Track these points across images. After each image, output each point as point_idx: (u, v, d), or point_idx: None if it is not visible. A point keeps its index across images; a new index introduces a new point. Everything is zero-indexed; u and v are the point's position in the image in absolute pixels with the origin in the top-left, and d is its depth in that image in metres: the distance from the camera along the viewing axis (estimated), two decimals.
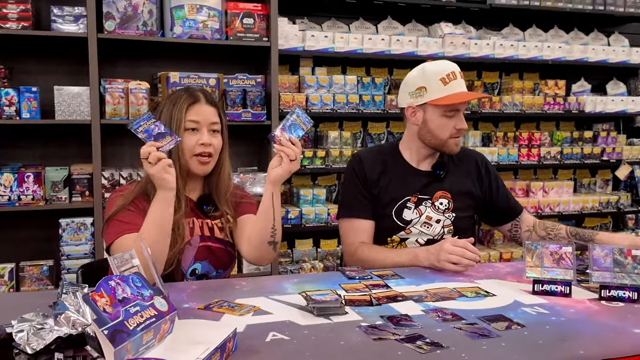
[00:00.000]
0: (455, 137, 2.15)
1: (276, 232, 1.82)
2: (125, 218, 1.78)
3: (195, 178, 1.94)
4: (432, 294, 1.65)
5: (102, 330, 1.09)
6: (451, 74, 2.11)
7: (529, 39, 4.31)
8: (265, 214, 1.80)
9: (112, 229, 1.77)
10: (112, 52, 3.41)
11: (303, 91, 3.72)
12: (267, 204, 1.79)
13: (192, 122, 1.86)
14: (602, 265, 1.63)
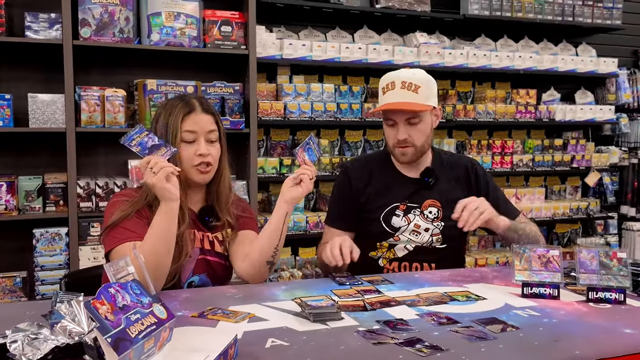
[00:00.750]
0: (400, 147, 2.13)
1: (277, 253, 1.82)
2: (129, 226, 1.74)
3: (196, 189, 1.91)
4: (425, 298, 1.66)
5: (105, 338, 1.06)
6: (390, 84, 2.12)
7: (501, 49, 4.40)
8: (273, 232, 1.79)
9: (114, 236, 1.73)
10: (87, 60, 3.36)
11: (281, 99, 3.72)
12: (276, 224, 1.79)
13: (188, 133, 1.82)
14: (589, 268, 1.67)
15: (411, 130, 2.11)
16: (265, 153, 3.88)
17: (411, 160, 2.18)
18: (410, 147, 2.13)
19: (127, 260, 1.31)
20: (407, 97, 2.08)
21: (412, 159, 2.17)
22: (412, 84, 2.09)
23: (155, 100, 3.32)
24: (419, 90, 2.09)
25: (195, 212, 1.89)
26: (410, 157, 2.16)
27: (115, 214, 1.76)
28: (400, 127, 2.11)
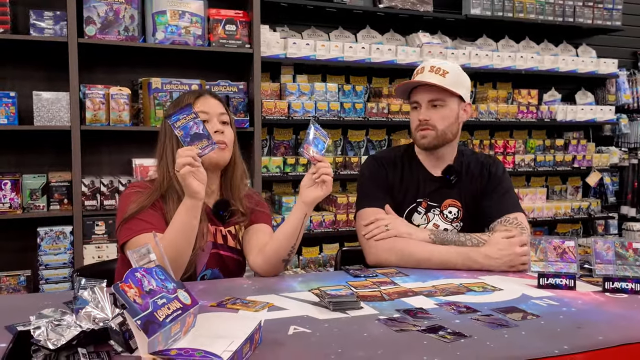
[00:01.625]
0: (420, 130, 2.11)
1: (294, 251, 1.81)
2: (145, 217, 1.73)
3: (211, 177, 1.87)
4: (441, 289, 1.66)
5: (135, 320, 1.06)
6: (420, 69, 2.12)
7: (502, 50, 4.41)
8: (291, 233, 1.77)
9: (130, 227, 1.72)
10: (92, 58, 3.35)
11: (285, 98, 3.72)
12: (295, 225, 1.77)
13: (201, 113, 1.80)
14: (605, 259, 1.67)
15: (433, 113, 2.08)
16: (268, 152, 3.87)
17: (430, 145, 2.12)
18: (431, 131, 2.09)
19: (149, 248, 1.29)
20: (434, 79, 2.07)
21: (431, 143, 2.11)
22: (441, 69, 2.09)
23: (160, 99, 3.32)
24: (446, 75, 2.07)
25: (209, 205, 1.87)
26: (429, 142, 2.10)
27: (130, 206, 1.75)
28: (423, 109, 2.09)
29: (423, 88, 2.10)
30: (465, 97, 2.16)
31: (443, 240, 1.98)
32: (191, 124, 1.58)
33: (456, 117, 2.14)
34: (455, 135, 2.17)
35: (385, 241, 1.99)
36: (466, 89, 2.17)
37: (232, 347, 1.12)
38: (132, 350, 1.14)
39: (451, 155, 2.20)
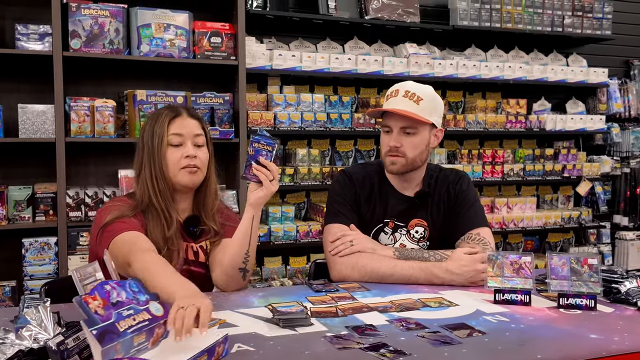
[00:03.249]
0: (391, 155, 2.10)
1: (249, 259, 1.81)
2: (126, 221, 1.76)
3: (183, 197, 1.91)
4: (397, 304, 1.68)
5: (90, 331, 1.12)
6: (394, 92, 2.10)
7: (491, 60, 4.43)
8: (242, 237, 1.79)
9: (111, 230, 1.74)
10: (78, 70, 3.39)
11: (271, 109, 3.75)
12: (245, 228, 1.79)
13: (175, 136, 1.84)
14: (560, 274, 1.68)
15: (404, 140, 2.07)
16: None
17: (399, 172, 2.12)
18: (401, 157, 2.08)
19: (95, 267, 1.33)
20: (407, 105, 2.04)
21: (400, 170, 2.11)
22: (415, 95, 2.06)
23: (145, 111, 3.35)
24: (420, 102, 2.05)
25: (180, 221, 1.90)
26: (398, 168, 2.10)
27: (110, 215, 1.78)
28: (394, 134, 2.07)
29: (396, 114, 2.07)
30: (438, 123, 2.15)
31: (407, 256, 1.99)
32: (264, 152, 1.73)
33: (427, 144, 2.13)
34: (425, 161, 2.17)
35: (348, 257, 2.00)
36: (439, 115, 2.16)
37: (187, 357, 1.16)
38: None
39: (420, 176, 2.20)
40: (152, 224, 1.78)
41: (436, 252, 2.00)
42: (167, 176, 1.83)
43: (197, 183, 1.89)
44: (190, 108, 1.96)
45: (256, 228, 1.80)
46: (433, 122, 2.10)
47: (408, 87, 2.10)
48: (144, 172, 1.84)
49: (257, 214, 1.79)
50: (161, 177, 1.82)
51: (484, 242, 2.02)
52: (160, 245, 1.77)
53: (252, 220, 1.78)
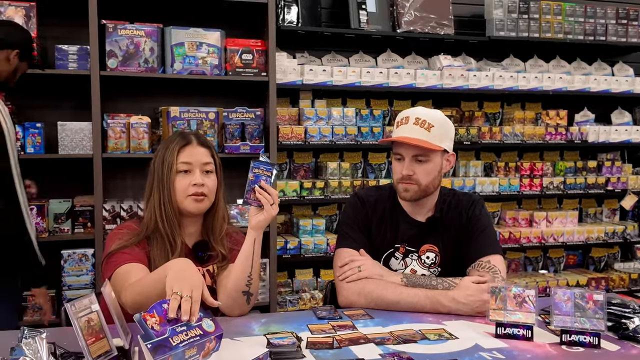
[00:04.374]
0: (403, 183, 2.09)
1: (252, 282, 1.84)
2: (128, 251, 1.83)
3: (192, 220, 1.97)
4: (396, 336, 1.68)
5: (146, 344, 1.30)
6: (404, 119, 2.09)
7: (530, 70, 4.33)
8: (244, 260, 1.83)
9: (114, 261, 1.81)
10: (115, 88, 3.52)
11: (303, 123, 3.79)
12: (247, 251, 1.83)
13: (184, 164, 1.90)
14: (563, 310, 1.64)
15: (417, 168, 2.06)
16: (288, 175, 3.95)
17: (412, 199, 2.12)
18: (413, 185, 2.08)
19: (91, 298, 1.39)
20: (418, 133, 2.04)
21: (413, 197, 2.11)
22: (426, 122, 2.05)
23: (178, 127, 3.45)
24: (431, 129, 2.04)
25: (189, 246, 1.96)
26: (412, 195, 2.10)
27: (115, 243, 1.86)
28: (407, 163, 2.07)
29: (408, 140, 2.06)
30: (449, 148, 2.13)
31: (415, 283, 1.98)
32: (264, 177, 1.79)
33: (439, 169, 2.12)
34: (437, 186, 2.16)
35: (355, 283, 2.01)
36: (450, 140, 2.14)
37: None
38: None
39: (432, 201, 2.19)
40: (156, 249, 1.84)
41: (445, 279, 1.99)
42: (174, 202, 1.89)
43: (204, 210, 1.94)
44: (201, 136, 2.01)
45: (258, 251, 1.83)
46: (445, 149, 2.09)
47: (418, 113, 2.09)
48: (152, 198, 1.91)
49: (259, 237, 1.83)
50: (169, 203, 1.88)
51: (494, 271, 1.99)
52: None
53: (254, 244, 1.82)
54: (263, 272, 3.61)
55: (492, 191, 4.12)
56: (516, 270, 4.49)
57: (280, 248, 3.68)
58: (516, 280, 4.21)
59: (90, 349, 1.33)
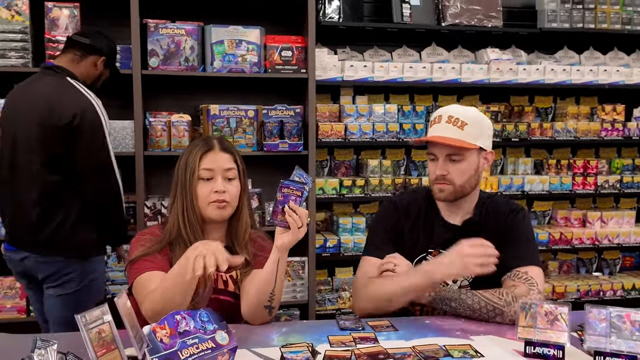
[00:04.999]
0: (438, 183, 2.02)
1: (274, 298, 1.82)
2: (150, 259, 1.84)
3: (215, 226, 1.96)
4: (418, 351, 1.61)
5: (152, 358, 1.31)
6: (437, 118, 2.03)
7: (586, 62, 4.11)
8: (266, 278, 1.80)
9: (136, 268, 1.82)
10: (157, 87, 3.56)
11: (343, 120, 3.73)
12: (270, 270, 1.79)
13: (205, 171, 1.89)
14: (598, 330, 1.54)
15: (451, 168, 2.00)
16: (329, 173, 3.91)
17: (447, 199, 2.06)
18: (448, 185, 2.01)
19: (103, 309, 1.39)
20: (451, 132, 1.98)
21: (448, 197, 2.04)
22: (459, 120, 1.98)
23: (218, 125, 3.47)
24: (465, 127, 1.97)
25: None
26: (446, 196, 2.04)
27: (137, 250, 1.87)
28: (440, 162, 2.01)
29: (441, 139, 1.99)
30: (486, 146, 2.05)
31: (444, 297, 1.91)
32: (293, 197, 1.72)
33: (476, 168, 2.04)
34: (474, 186, 2.08)
35: (366, 289, 1.99)
36: (487, 137, 2.06)
37: None
38: None
39: (471, 203, 2.11)
40: (178, 254, 1.83)
41: (475, 293, 1.90)
42: (197, 209, 1.88)
43: (226, 217, 1.92)
44: (224, 141, 1.99)
45: (282, 270, 1.80)
46: (481, 146, 2.01)
47: (451, 112, 2.02)
48: (176, 203, 1.90)
49: (283, 257, 1.79)
50: (191, 210, 1.87)
51: (530, 282, 1.89)
52: None
53: (277, 263, 1.78)
54: (302, 270, 3.59)
55: (542, 190, 3.95)
56: (568, 272, 4.30)
57: (320, 246, 3.64)
58: (567, 283, 4.04)
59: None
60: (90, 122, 2.60)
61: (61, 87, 2.63)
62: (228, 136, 3.46)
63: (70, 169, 2.58)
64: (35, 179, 2.57)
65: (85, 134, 2.57)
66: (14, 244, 2.65)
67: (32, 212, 2.57)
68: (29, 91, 2.66)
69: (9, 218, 2.68)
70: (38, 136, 2.54)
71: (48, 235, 2.55)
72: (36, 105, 2.57)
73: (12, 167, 2.61)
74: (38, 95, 2.60)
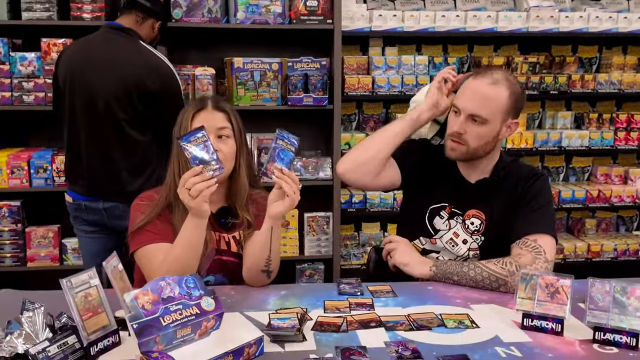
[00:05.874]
0: (452, 140, 1.94)
1: (271, 263, 1.80)
2: (152, 228, 1.83)
3: None
4: (412, 320, 1.58)
5: (131, 325, 1.30)
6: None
7: (634, 9, 3.83)
8: (261, 245, 1.79)
9: (139, 238, 1.83)
10: (183, 39, 3.52)
11: (372, 72, 3.62)
12: (264, 237, 1.78)
13: None
14: (600, 304, 1.46)
15: (470, 128, 1.91)
16: (357, 127, 3.83)
17: (458, 159, 2.00)
18: (462, 146, 1.93)
19: (91, 274, 1.40)
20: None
21: (459, 157, 1.98)
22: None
23: (242, 78, 3.42)
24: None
25: (213, 212, 1.93)
26: (457, 156, 1.97)
27: (138, 218, 1.87)
28: (461, 119, 1.92)
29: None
30: (513, 115, 1.96)
31: (445, 271, 1.86)
32: (202, 145, 1.62)
33: (495, 135, 1.95)
34: (489, 152, 1.99)
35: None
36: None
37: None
38: None
39: (488, 164, 2.03)
40: (177, 217, 1.83)
41: (477, 264, 1.84)
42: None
43: (222, 177, 1.89)
44: (219, 100, 1.95)
45: (276, 237, 1.77)
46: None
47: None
48: (172, 164, 1.88)
49: (276, 225, 1.77)
50: (186, 170, 1.85)
51: (537, 251, 1.81)
52: None
53: (271, 231, 1.76)
54: (326, 226, 3.58)
55: (580, 145, 3.77)
56: (607, 230, 4.14)
57: (345, 202, 3.61)
58: (604, 242, 3.90)
59: (86, 324, 1.35)
60: (175, 85, 2.73)
61: (142, 51, 2.69)
62: (252, 90, 3.42)
63: (157, 128, 2.65)
64: (124, 137, 2.64)
65: (171, 96, 2.69)
66: (95, 195, 2.69)
67: (121, 166, 2.66)
68: (108, 52, 2.66)
69: (88, 172, 2.71)
70: (125, 98, 2.60)
71: (137, 188, 2.56)
72: (122, 68, 2.61)
73: (94, 124, 2.65)
74: (121, 58, 2.64)
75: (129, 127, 2.63)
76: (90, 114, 2.65)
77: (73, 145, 2.74)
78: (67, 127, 2.73)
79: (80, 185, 2.72)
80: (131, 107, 2.62)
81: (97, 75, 2.62)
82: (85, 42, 2.76)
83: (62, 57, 2.76)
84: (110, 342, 1.40)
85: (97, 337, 1.37)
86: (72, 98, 2.67)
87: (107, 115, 2.62)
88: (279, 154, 1.69)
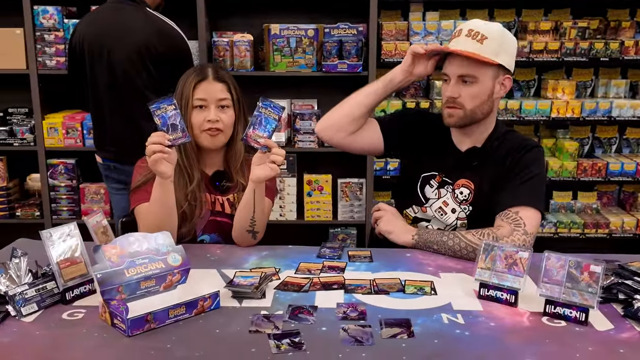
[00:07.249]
0: (448, 107, 1.94)
1: (256, 223, 1.89)
2: (149, 188, 1.94)
3: (211, 153, 2.05)
4: (375, 284, 1.63)
5: (95, 274, 1.42)
6: (457, 32, 1.92)
7: None
8: (245, 206, 1.89)
9: (137, 196, 1.98)
10: (223, 5, 3.62)
11: (411, 39, 3.59)
12: (248, 199, 1.88)
13: (199, 100, 1.96)
14: (554, 278, 1.45)
15: (463, 90, 1.90)
16: (397, 94, 3.82)
17: (457, 125, 1.98)
18: (459, 110, 1.92)
19: (71, 227, 1.55)
20: (469, 46, 1.86)
21: (458, 123, 1.96)
22: (479, 34, 1.86)
23: (278, 45, 3.49)
24: (485, 41, 1.85)
25: (209, 175, 2.05)
26: (456, 121, 1.96)
27: (138, 178, 2.02)
28: (452, 84, 1.91)
29: (456, 58, 1.90)
30: (508, 65, 1.92)
31: (426, 240, 1.90)
32: (171, 114, 1.72)
33: (490, 94, 1.92)
34: (487, 113, 1.97)
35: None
36: (509, 55, 1.92)
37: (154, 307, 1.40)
38: (22, 315, 1.43)
39: (483, 132, 2.01)
40: (174, 179, 1.95)
41: (456, 234, 1.86)
42: (192, 137, 1.97)
43: (219, 145, 2.00)
44: (219, 69, 2.03)
45: (259, 198, 1.86)
46: (500, 64, 1.88)
47: (472, 25, 1.90)
48: None
49: (259, 187, 1.86)
50: None
51: (517, 223, 1.80)
52: (182, 199, 1.94)
53: (254, 193, 1.85)
54: (359, 192, 3.63)
55: (632, 115, 3.59)
56: None
57: (380, 169, 3.64)
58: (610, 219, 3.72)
59: (63, 272, 1.51)
60: (184, 47, 2.88)
61: (150, 17, 2.82)
62: (288, 56, 3.49)
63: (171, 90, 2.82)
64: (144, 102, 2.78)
65: (181, 59, 2.82)
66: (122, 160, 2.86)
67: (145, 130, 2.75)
68: (119, 22, 2.81)
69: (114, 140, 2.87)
70: (139, 62, 2.75)
71: None
72: (134, 34, 2.75)
73: (116, 93, 2.82)
74: (132, 26, 2.78)
75: (148, 92, 2.76)
76: (111, 84, 2.81)
77: (98, 117, 2.93)
78: (92, 100, 2.90)
79: (107, 151, 2.93)
80: (146, 71, 2.76)
81: (112, 46, 2.77)
82: (96, 15, 2.92)
83: (74, 34, 2.90)
84: (87, 289, 1.55)
85: (74, 283, 1.52)
86: (94, 72, 2.84)
87: (127, 82, 2.77)
88: (261, 121, 1.77)
